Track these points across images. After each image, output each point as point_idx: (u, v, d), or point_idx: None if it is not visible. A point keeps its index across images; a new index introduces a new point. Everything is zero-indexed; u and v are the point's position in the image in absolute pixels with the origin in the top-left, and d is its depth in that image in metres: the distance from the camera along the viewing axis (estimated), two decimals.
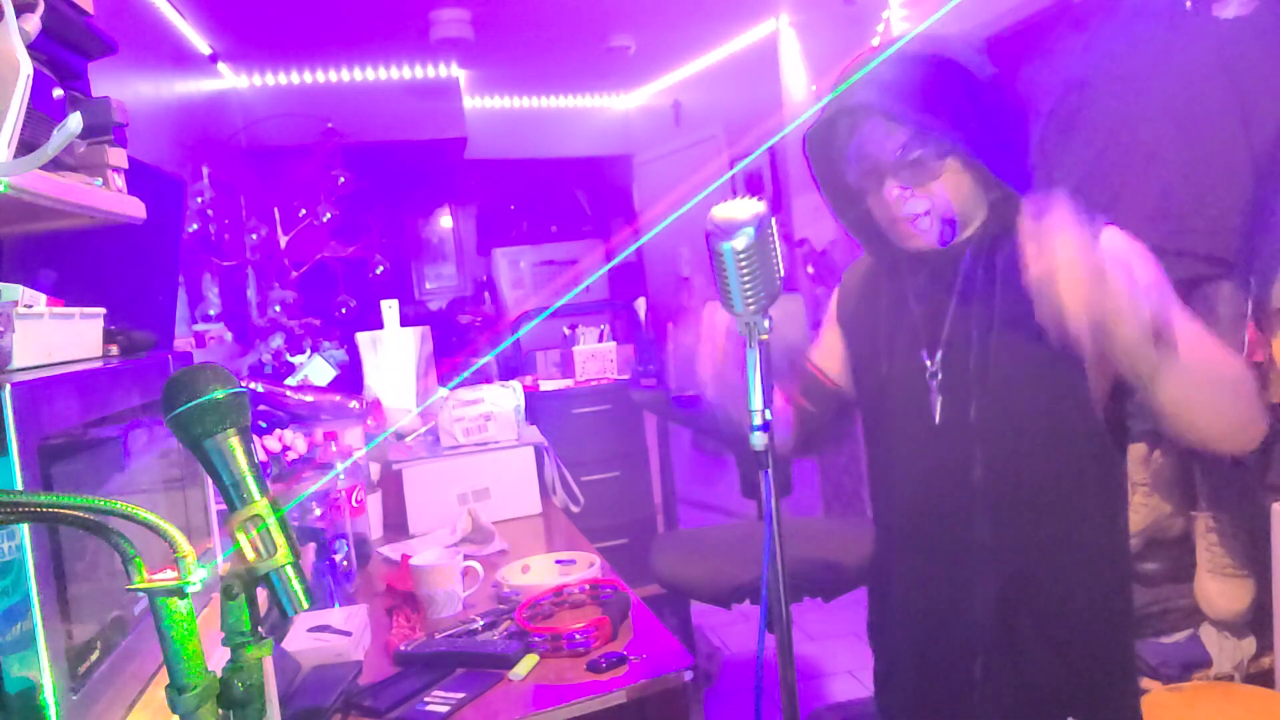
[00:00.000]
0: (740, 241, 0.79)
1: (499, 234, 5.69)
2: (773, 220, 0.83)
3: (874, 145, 1.12)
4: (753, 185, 4.36)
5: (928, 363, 1.21)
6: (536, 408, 3.41)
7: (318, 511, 1.80)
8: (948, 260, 1.20)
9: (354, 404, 2.38)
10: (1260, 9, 2.05)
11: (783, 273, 0.86)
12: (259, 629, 0.62)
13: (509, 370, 4.55)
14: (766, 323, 0.83)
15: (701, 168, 4.69)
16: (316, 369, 2.75)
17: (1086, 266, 0.81)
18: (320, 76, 4.31)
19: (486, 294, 5.72)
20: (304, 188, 3.79)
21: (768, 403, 0.83)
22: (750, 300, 0.81)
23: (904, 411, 1.25)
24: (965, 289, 1.19)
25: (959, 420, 1.18)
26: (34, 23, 0.85)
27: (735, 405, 1.03)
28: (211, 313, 2.84)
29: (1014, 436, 1.14)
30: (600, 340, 4.31)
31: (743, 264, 0.80)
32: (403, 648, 1.42)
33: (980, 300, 1.17)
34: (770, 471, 0.83)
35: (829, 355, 1.41)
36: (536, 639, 1.38)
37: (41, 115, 0.89)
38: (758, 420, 0.83)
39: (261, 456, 1.99)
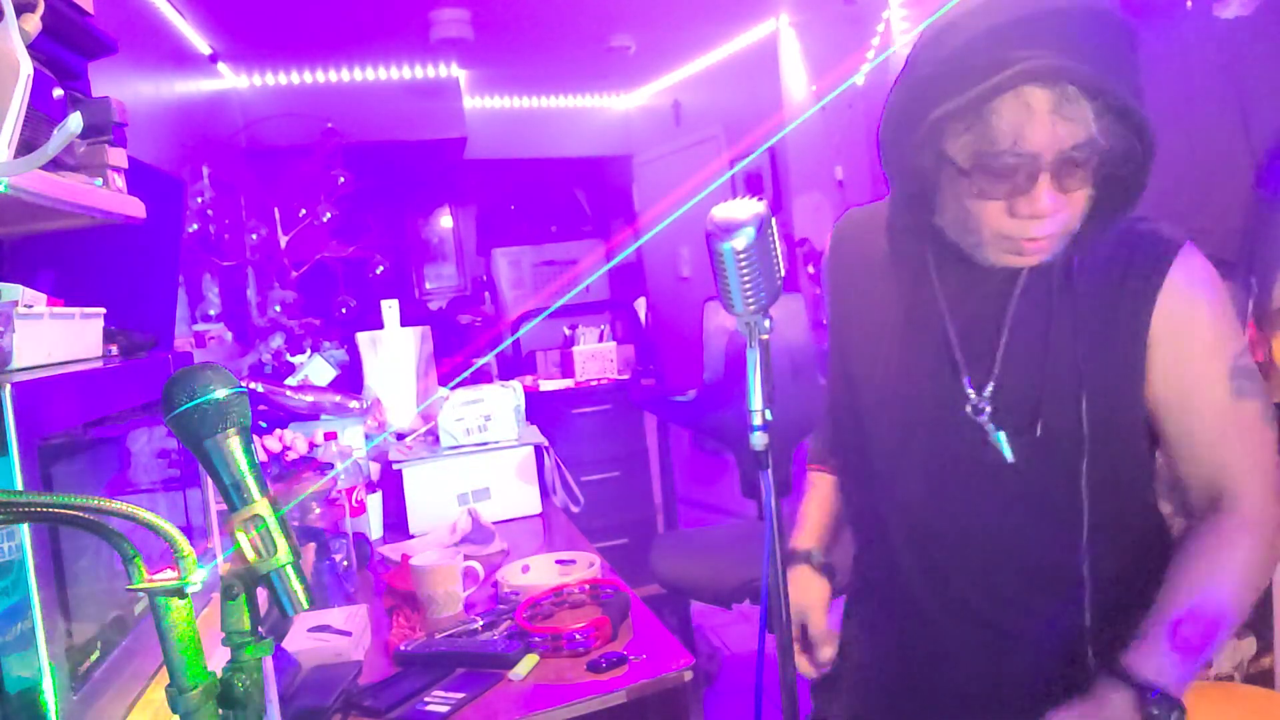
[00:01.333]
0: (740, 241, 0.79)
1: (499, 234, 5.69)
2: (773, 220, 0.83)
3: (1047, 131, 0.84)
4: (753, 185, 4.36)
5: (971, 393, 1.00)
6: (536, 408, 3.41)
7: (318, 511, 1.80)
8: (1010, 270, 0.98)
9: (354, 404, 2.38)
10: (1260, 9, 2.05)
11: (783, 272, 0.86)
12: (259, 629, 0.62)
13: (509, 370, 4.55)
14: (767, 322, 0.83)
15: (701, 168, 4.69)
16: (316, 369, 2.75)
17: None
18: (320, 76, 4.31)
19: (486, 294, 5.72)
20: (304, 188, 3.79)
21: (768, 403, 0.83)
22: (750, 300, 0.81)
23: (936, 450, 1.03)
24: (1029, 306, 0.99)
25: (1034, 461, 0.98)
26: (34, 23, 0.85)
27: None
28: (211, 313, 2.84)
29: (1111, 478, 0.98)
30: (600, 340, 4.31)
31: (743, 264, 0.80)
32: (403, 648, 1.41)
33: (1057, 320, 0.98)
34: (770, 471, 0.83)
35: None
36: (536, 639, 1.38)
37: (41, 115, 0.89)
38: (757, 420, 0.83)
39: (261, 456, 1.99)
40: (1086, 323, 0.97)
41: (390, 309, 2.74)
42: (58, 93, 0.95)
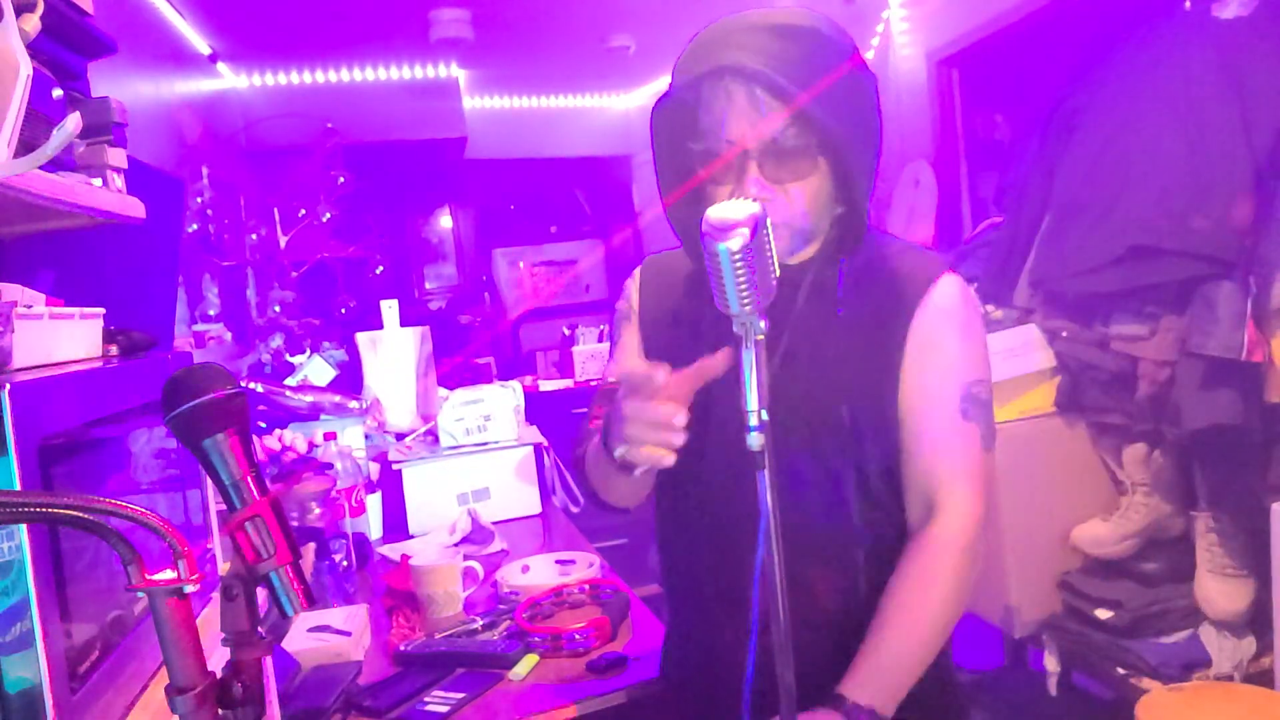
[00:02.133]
0: (735, 242, 0.79)
1: (499, 234, 5.69)
2: (768, 221, 0.83)
3: (745, 121, 0.97)
4: None
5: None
6: (536, 408, 3.41)
7: (318, 511, 1.80)
8: (785, 278, 1.02)
9: (354, 404, 2.38)
10: (1260, 9, 2.05)
11: (779, 273, 0.86)
12: (259, 629, 0.62)
13: (509, 370, 4.55)
14: (762, 323, 0.83)
15: None
16: (316, 369, 2.75)
17: None
18: (320, 76, 4.31)
19: (486, 294, 5.72)
20: (304, 188, 3.79)
21: (763, 403, 0.83)
22: (746, 300, 0.81)
23: (725, 448, 1.06)
24: (805, 313, 1.07)
25: (789, 467, 1.03)
26: (34, 23, 0.85)
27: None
28: (211, 313, 2.84)
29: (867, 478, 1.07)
30: (600, 340, 4.31)
31: (738, 264, 0.80)
32: (403, 648, 1.42)
33: (820, 327, 1.07)
34: (766, 472, 0.83)
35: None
36: (536, 639, 1.38)
37: (41, 115, 0.89)
38: (753, 420, 0.83)
39: (261, 456, 1.99)
40: (857, 332, 1.06)
41: (390, 309, 2.75)
42: (57, 93, 0.95)
